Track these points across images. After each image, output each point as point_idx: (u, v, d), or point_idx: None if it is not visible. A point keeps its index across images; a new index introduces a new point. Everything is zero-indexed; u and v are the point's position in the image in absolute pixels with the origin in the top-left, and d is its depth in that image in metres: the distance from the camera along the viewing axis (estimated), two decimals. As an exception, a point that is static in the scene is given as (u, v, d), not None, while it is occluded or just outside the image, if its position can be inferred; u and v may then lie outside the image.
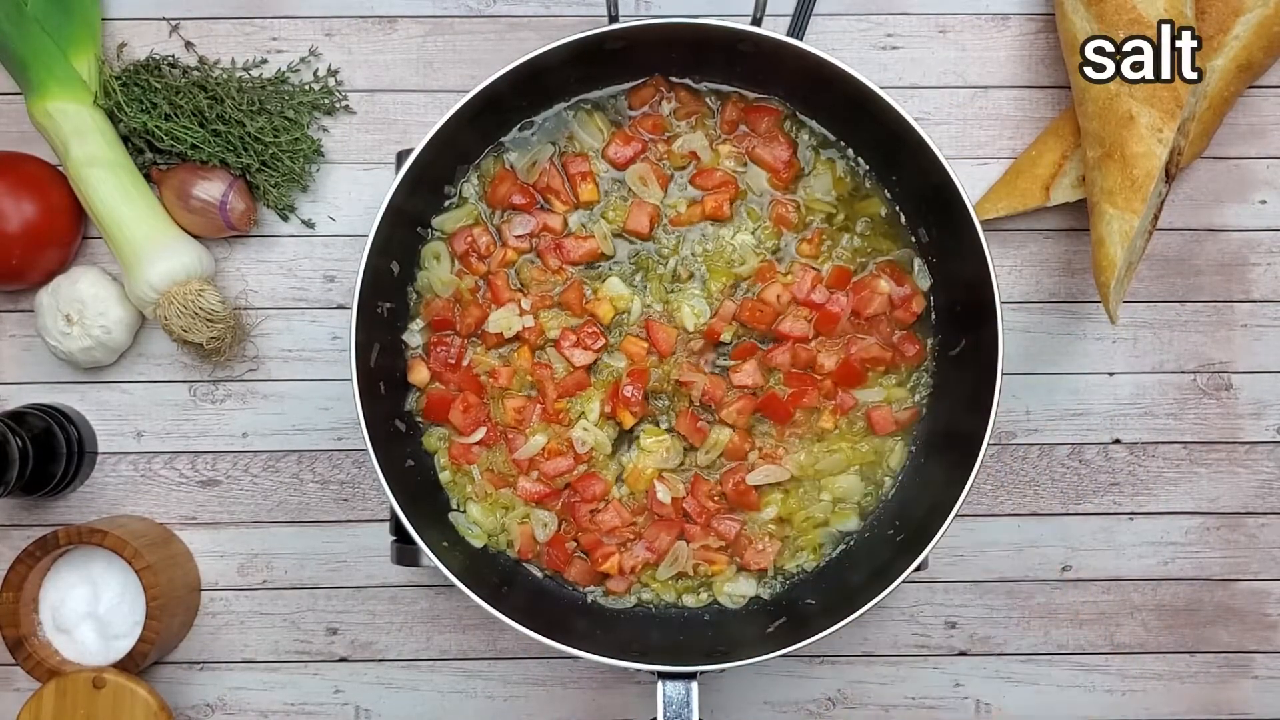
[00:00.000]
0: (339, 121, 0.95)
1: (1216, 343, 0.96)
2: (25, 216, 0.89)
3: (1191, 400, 0.96)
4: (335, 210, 0.95)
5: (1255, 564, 0.97)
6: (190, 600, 0.93)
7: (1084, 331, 0.96)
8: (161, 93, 0.91)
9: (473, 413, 0.86)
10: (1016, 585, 0.96)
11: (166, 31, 0.94)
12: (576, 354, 0.86)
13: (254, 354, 0.95)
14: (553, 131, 0.88)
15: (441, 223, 0.87)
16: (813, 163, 0.88)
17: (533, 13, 0.95)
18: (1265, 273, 0.96)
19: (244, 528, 0.95)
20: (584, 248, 0.87)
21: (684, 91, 0.88)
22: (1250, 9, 0.90)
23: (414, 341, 0.87)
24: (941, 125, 0.96)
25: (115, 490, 0.94)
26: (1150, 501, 0.96)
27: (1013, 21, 0.96)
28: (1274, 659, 0.97)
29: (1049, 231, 0.96)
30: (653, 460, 0.86)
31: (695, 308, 0.87)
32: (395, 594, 0.95)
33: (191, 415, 0.95)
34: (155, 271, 0.88)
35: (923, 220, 0.87)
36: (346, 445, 0.95)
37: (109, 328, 0.90)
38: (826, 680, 0.95)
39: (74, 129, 0.89)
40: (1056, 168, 0.92)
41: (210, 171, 0.91)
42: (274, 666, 0.95)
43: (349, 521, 0.95)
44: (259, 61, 0.95)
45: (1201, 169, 0.96)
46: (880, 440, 0.88)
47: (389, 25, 0.95)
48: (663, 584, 0.87)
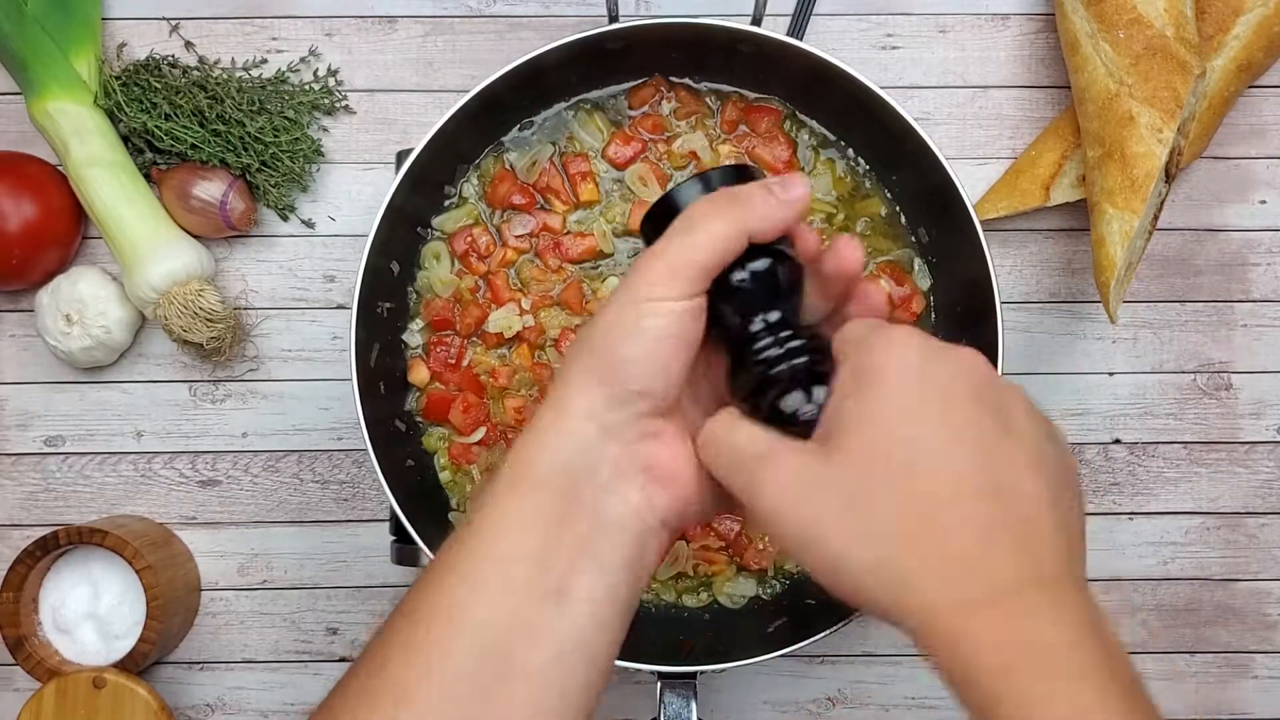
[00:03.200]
0: (339, 121, 0.95)
1: (1216, 343, 0.96)
2: (25, 216, 0.89)
3: (1191, 400, 0.96)
4: (335, 210, 0.95)
5: (1255, 564, 0.97)
6: (190, 600, 0.93)
7: (1084, 331, 0.96)
8: (161, 93, 0.91)
9: (473, 413, 0.87)
10: (1016, 585, 0.96)
11: (166, 31, 0.94)
12: (576, 354, 0.86)
13: (254, 354, 0.95)
14: (553, 131, 0.88)
15: (441, 223, 0.88)
16: (813, 163, 0.88)
17: (533, 13, 0.95)
18: (1265, 273, 0.96)
19: (244, 528, 0.95)
20: (583, 245, 0.87)
21: (684, 91, 0.88)
22: (1250, 9, 0.90)
23: (414, 341, 0.88)
24: (941, 125, 0.96)
25: (115, 490, 0.94)
26: (1150, 501, 0.96)
27: (1013, 21, 0.96)
28: (1274, 659, 0.97)
29: (1049, 231, 0.96)
30: (653, 460, 0.86)
31: (695, 308, 0.87)
32: (395, 594, 0.95)
33: (191, 415, 0.95)
34: (155, 271, 0.88)
35: (923, 220, 0.87)
36: (346, 445, 0.95)
37: (109, 328, 0.90)
38: (826, 680, 0.95)
39: (74, 129, 0.89)
40: (1056, 168, 0.92)
41: (210, 171, 0.91)
42: (274, 666, 0.95)
43: (349, 521, 0.95)
44: (259, 61, 0.95)
45: (1201, 169, 0.96)
46: (880, 440, 0.88)
47: (389, 25, 0.95)
48: (662, 584, 0.87)
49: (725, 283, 0.50)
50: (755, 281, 0.50)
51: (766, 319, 0.51)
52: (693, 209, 0.52)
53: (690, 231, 0.50)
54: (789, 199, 0.51)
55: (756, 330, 0.50)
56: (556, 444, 0.51)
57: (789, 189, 0.51)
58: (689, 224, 0.51)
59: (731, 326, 0.51)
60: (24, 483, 0.94)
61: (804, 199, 0.52)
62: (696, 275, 0.50)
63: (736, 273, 0.51)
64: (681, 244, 0.50)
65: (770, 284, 0.51)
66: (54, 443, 0.94)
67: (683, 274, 0.50)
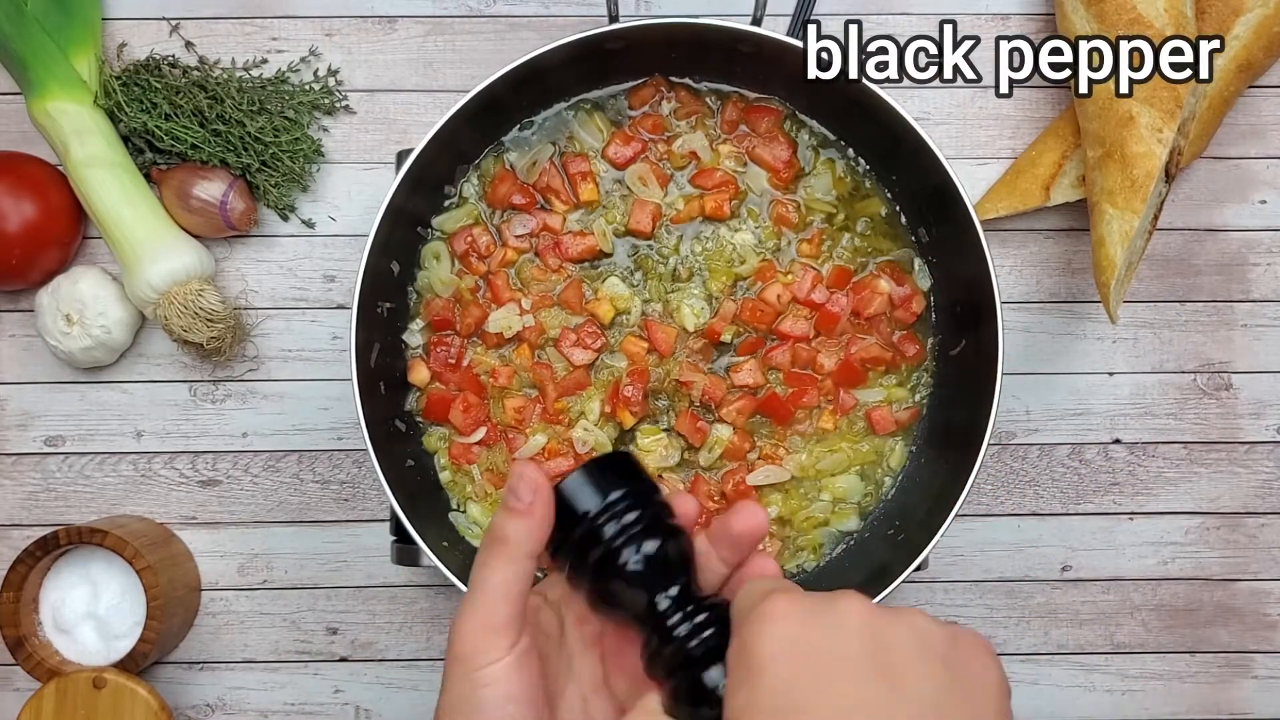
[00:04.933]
0: (339, 121, 0.95)
1: (1216, 343, 0.96)
2: (25, 216, 0.89)
3: (1191, 400, 0.96)
4: (335, 210, 0.95)
5: (1255, 564, 0.97)
6: (190, 600, 0.93)
7: (1084, 331, 0.96)
8: (161, 93, 0.91)
9: (473, 413, 0.86)
10: (1016, 585, 0.96)
11: (166, 31, 0.94)
12: (576, 353, 0.86)
13: (254, 354, 0.95)
14: (553, 131, 0.88)
15: (441, 223, 0.87)
16: (813, 163, 0.88)
17: (533, 13, 0.95)
18: (1265, 273, 0.96)
19: (244, 528, 0.95)
20: (582, 244, 0.87)
21: (684, 91, 0.88)
22: (1250, 9, 0.90)
23: (414, 341, 0.88)
24: (941, 125, 0.96)
25: (115, 490, 0.94)
26: (1150, 501, 0.96)
27: (1012, 21, 0.96)
28: (1274, 659, 0.97)
29: (1049, 231, 0.96)
30: (651, 460, 0.86)
31: (695, 308, 0.87)
32: (395, 594, 0.95)
33: (191, 415, 0.95)
34: (155, 271, 0.88)
35: (923, 220, 0.87)
36: (346, 445, 0.95)
37: (109, 328, 0.90)
38: None
39: (74, 129, 0.89)
40: (1056, 168, 0.92)
41: (210, 171, 0.91)
42: (274, 666, 0.95)
43: (349, 521, 0.95)
44: (259, 61, 0.95)
45: (1201, 169, 0.96)
46: (880, 440, 0.88)
47: (389, 25, 0.95)
48: None
49: (619, 568, 0.49)
50: (649, 565, 0.49)
51: (669, 595, 0.49)
52: (475, 568, 0.50)
53: (483, 588, 0.49)
54: (524, 505, 0.49)
55: (664, 608, 0.49)
56: None
57: (518, 495, 0.49)
58: (475, 583, 0.50)
59: (635, 606, 0.49)
60: (24, 483, 0.94)
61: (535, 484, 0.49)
62: (510, 621, 0.49)
63: (630, 557, 0.49)
64: (480, 602, 0.49)
65: (664, 562, 0.49)
66: (54, 443, 0.94)
67: (496, 628, 0.49)
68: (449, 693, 0.51)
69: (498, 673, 0.49)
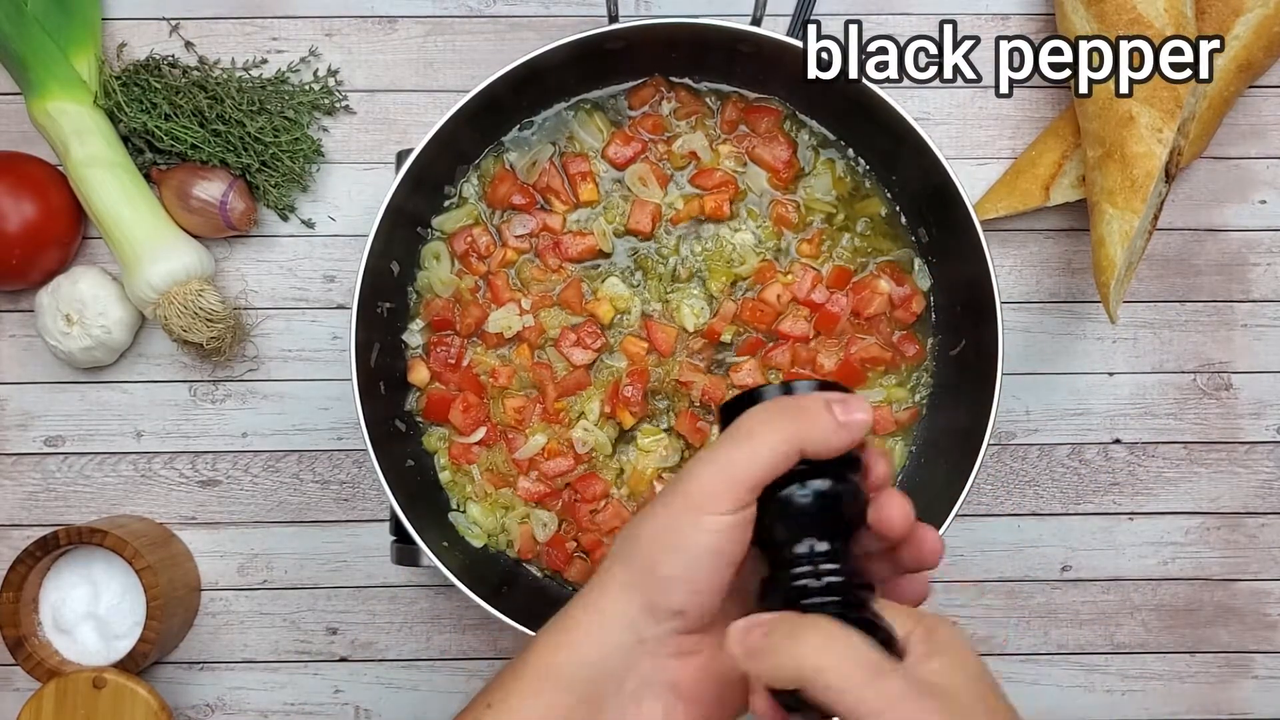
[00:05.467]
0: (339, 121, 0.95)
1: (1216, 343, 0.96)
2: (25, 216, 0.89)
3: (1191, 400, 0.96)
4: (335, 210, 0.95)
5: (1255, 564, 0.97)
6: (190, 600, 0.93)
7: (1084, 331, 0.96)
8: (161, 93, 0.91)
9: (473, 413, 0.86)
10: (1016, 585, 0.96)
11: (166, 31, 0.94)
12: (576, 353, 0.86)
13: (254, 354, 0.95)
14: (553, 131, 0.88)
15: (441, 223, 0.88)
16: (813, 163, 0.88)
17: (533, 13, 0.95)
18: (1265, 273, 0.96)
19: (244, 528, 0.95)
20: (582, 244, 0.87)
21: (684, 91, 0.88)
22: (1250, 9, 0.90)
23: (414, 341, 0.88)
24: (941, 125, 0.96)
25: (115, 490, 0.94)
26: (1150, 501, 0.96)
27: (1012, 21, 0.96)
28: (1274, 659, 0.97)
29: (1049, 231, 0.96)
30: (651, 460, 0.86)
31: (695, 308, 0.87)
32: (395, 594, 0.95)
33: (191, 415, 0.95)
34: (155, 271, 0.88)
35: (923, 220, 0.87)
36: (346, 445, 0.95)
37: (109, 328, 0.90)
38: None
39: (74, 129, 0.89)
40: (1056, 168, 0.92)
41: (210, 171, 0.91)
42: (274, 666, 0.95)
43: (349, 521, 0.95)
44: (259, 61, 0.95)
45: (1201, 169, 0.96)
46: (880, 440, 0.88)
47: (389, 25, 0.95)
48: None
49: (782, 497, 0.48)
50: (815, 503, 0.48)
51: (814, 546, 0.48)
52: (748, 418, 0.50)
53: (745, 441, 0.49)
54: (848, 421, 0.49)
55: (799, 553, 0.48)
56: (587, 648, 0.51)
57: (849, 411, 0.49)
58: (744, 433, 0.49)
59: (776, 542, 0.49)
60: (24, 483, 0.94)
61: (863, 424, 0.49)
62: (748, 488, 0.49)
63: (798, 490, 0.48)
64: (736, 454, 0.49)
65: (828, 510, 0.48)
66: (54, 443, 0.94)
67: (737, 486, 0.48)
68: (657, 519, 0.50)
69: (715, 524, 0.49)
